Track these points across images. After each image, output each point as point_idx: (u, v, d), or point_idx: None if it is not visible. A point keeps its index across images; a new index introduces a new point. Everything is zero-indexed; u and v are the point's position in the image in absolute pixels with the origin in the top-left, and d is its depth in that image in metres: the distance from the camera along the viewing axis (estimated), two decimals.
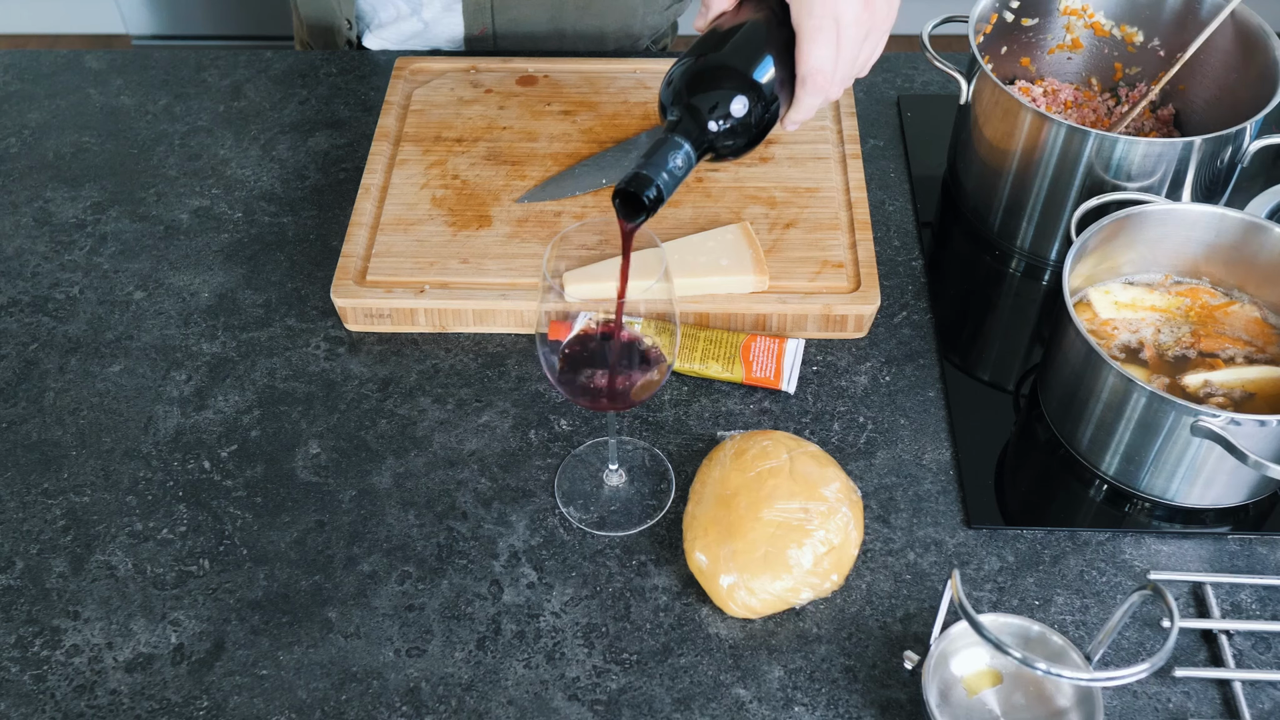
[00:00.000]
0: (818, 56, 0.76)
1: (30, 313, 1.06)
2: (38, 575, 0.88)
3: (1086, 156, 0.98)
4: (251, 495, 0.92)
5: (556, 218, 1.08)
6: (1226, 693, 0.81)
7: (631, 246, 0.76)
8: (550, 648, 0.83)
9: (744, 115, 0.73)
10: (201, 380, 1.00)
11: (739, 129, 0.74)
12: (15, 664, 0.83)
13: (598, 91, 1.20)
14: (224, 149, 1.21)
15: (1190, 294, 0.97)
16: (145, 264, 1.10)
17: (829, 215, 1.07)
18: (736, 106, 0.73)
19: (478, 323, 1.02)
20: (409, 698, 0.81)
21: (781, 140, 1.14)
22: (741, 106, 0.73)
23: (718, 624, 0.84)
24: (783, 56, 0.76)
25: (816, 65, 0.77)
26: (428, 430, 0.96)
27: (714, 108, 0.73)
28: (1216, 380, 0.91)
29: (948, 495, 0.91)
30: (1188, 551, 0.88)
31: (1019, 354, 1.04)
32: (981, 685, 0.79)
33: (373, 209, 1.09)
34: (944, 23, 1.10)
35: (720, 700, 0.81)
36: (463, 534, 0.90)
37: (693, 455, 0.94)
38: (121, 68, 1.31)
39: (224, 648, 0.84)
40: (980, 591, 0.86)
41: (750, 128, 0.74)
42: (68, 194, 1.17)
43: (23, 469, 0.95)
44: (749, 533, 0.82)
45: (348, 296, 1.01)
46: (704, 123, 0.73)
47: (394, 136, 1.15)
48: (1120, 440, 0.88)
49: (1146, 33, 1.13)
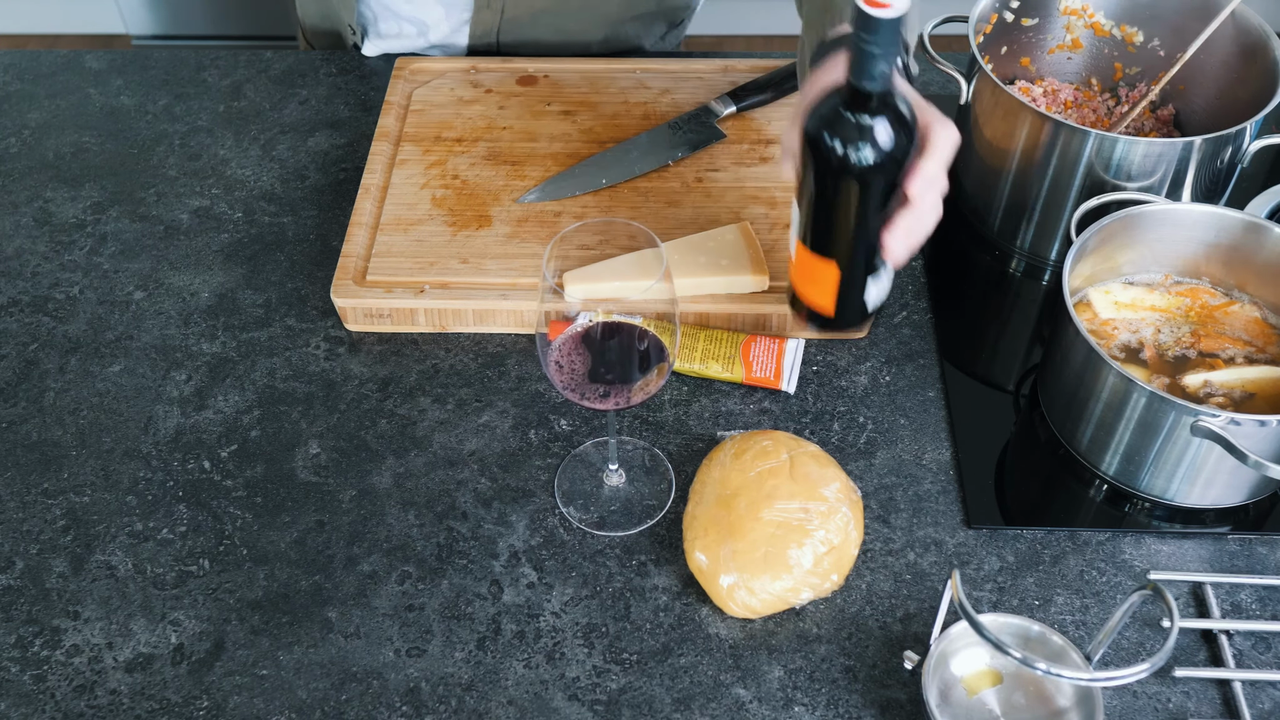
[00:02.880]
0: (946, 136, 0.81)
1: (30, 313, 1.06)
2: (38, 575, 0.88)
3: (1086, 156, 0.98)
4: (251, 495, 0.92)
5: (556, 218, 1.08)
6: (1226, 693, 0.81)
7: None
8: (550, 648, 0.84)
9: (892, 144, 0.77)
10: (201, 380, 1.00)
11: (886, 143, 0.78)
12: (15, 664, 0.83)
13: (598, 91, 1.20)
14: (224, 149, 1.21)
15: (1190, 294, 0.97)
16: (145, 264, 1.10)
17: None
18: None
19: (478, 323, 1.02)
20: (409, 698, 0.81)
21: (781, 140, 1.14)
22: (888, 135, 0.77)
23: (718, 624, 0.84)
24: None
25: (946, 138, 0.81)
26: (428, 430, 0.96)
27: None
28: (1216, 380, 0.91)
29: (948, 495, 0.91)
30: (1188, 551, 0.88)
31: (1019, 354, 1.04)
32: (981, 685, 0.79)
33: (373, 209, 1.09)
34: (944, 23, 1.10)
35: (720, 700, 0.81)
36: (463, 534, 0.90)
37: (693, 455, 0.94)
38: (121, 68, 1.31)
39: (224, 648, 0.84)
40: (980, 591, 0.86)
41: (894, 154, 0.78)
42: (68, 194, 1.17)
43: (23, 469, 0.95)
44: (749, 533, 0.82)
45: (348, 296, 1.01)
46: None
47: (394, 136, 1.15)
48: (1120, 440, 0.88)
49: (1146, 33, 1.13)
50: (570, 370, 0.80)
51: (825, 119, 0.77)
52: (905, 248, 0.80)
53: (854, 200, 0.79)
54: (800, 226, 0.84)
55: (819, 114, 0.78)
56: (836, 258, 0.83)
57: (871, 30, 0.71)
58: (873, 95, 0.75)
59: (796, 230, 0.85)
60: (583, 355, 0.81)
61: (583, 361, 0.81)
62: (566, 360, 0.80)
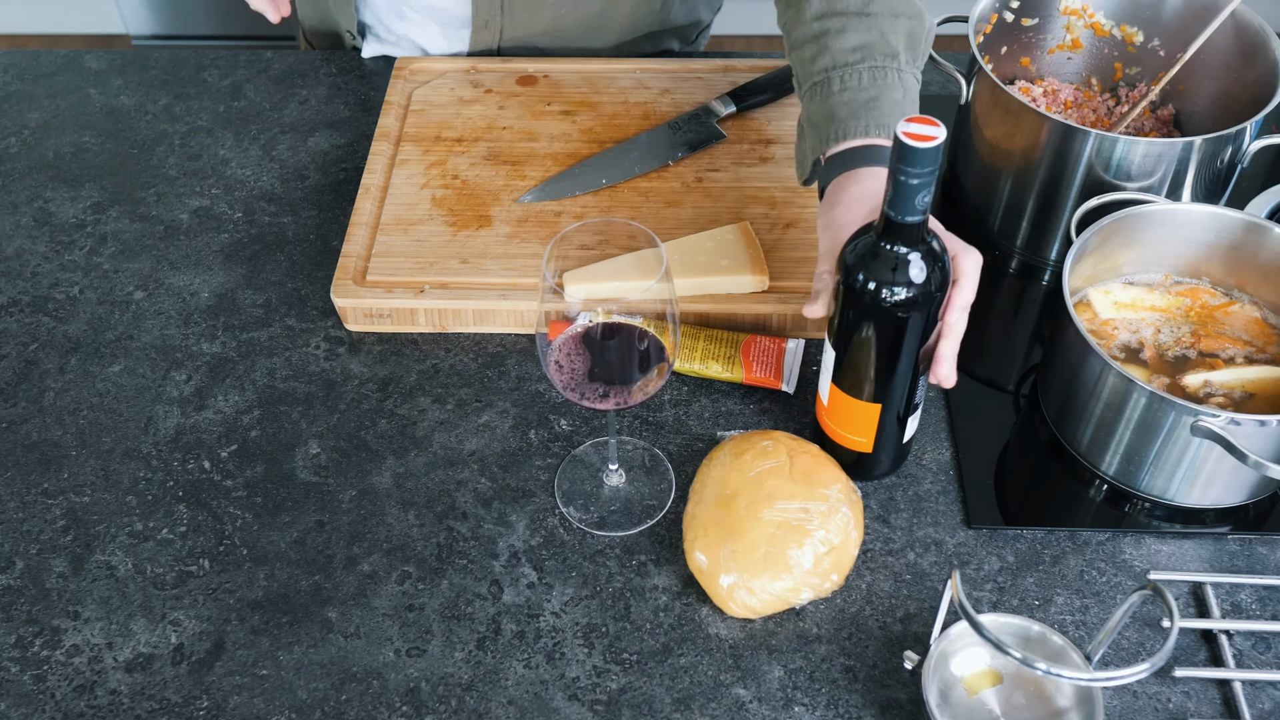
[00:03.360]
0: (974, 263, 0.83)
1: (30, 313, 1.06)
2: (38, 575, 0.88)
3: (1086, 156, 0.98)
4: (251, 495, 0.92)
5: (556, 218, 1.08)
6: (1226, 693, 0.81)
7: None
8: (550, 648, 0.83)
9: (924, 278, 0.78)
10: (201, 380, 1.00)
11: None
12: (15, 664, 0.83)
13: (598, 91, 1.20)
14: (224, 149, 1.21)
15: (1190, 294, 0.97)
16: (145, 264, 1.10)
17: None
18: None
19: (478, 323, 1.02)
20: (409, 698, 0.81)
21: (781, 140, 1.14)
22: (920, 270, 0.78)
23: (718, 624, 0.84)
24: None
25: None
26: (428, 430, 0.96)
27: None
28: (1216, 380, 0.91)
29: (948, 495, 0.91)
30: (1188, 551, 0.88)
31: (1019, 354, 1.04)
32: (981, 685, 0.79)
33: (373, 209, 1.09)
34: (944, 23, 1.10)
35: (720, 700, 0.81)
36: (463, 534, 0.90)
37: (693, 455, 0.94)
38: (121, 68, 1.31)
39: (224, 648, 0.84)
40: (980, 591, 0.86)
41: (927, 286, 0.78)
42: (68, 194, 1.17)
43: (23, 469, 0.95)
44: (749, 533, 0.82)
45: (348, 296, 1.01)
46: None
47: (394, 136, 1.15)
48: (1120, 440, 0.88)
49: (1146, 33, 1.13)
50: (570, 370, 0.80)
51: (867, 261, 0.77)
52: (952, 370, 0.83)
53: (901, 338, 0.80)
54: (835, 370, 0.84)
55: (859, 256, 0.78)
56: (879, 398, 0.84)
57: (914, 163, 0.71)
58: (915, 228, 0.75)
59: (828, 374, 0.86)
60: (582, 355, 0.81)
61: (583, 362, 0.81)
62: (566, 360, 0.80)
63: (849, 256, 0.78)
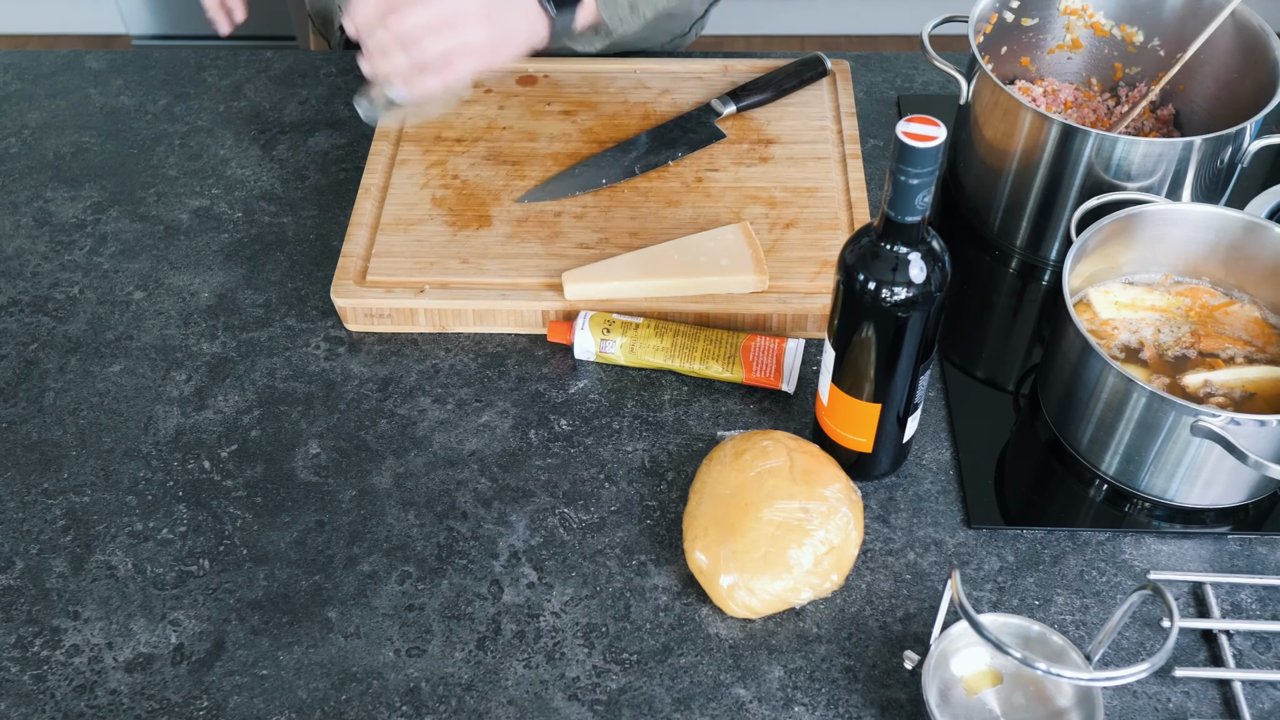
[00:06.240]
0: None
1: (30, 313, 1.06)
2: (38, 575, 0.88)
3: (1086, 156, 0.98)
4: (251, 495, 0.92)
5: (556, 218, 1.08)
6: (1226, 693, 0.81)
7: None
8: (550, 648, 0.84)
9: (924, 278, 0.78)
10: (201, 380, 1.00)
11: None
12: (15, 664, 0.83)
13: (598, 91, 1.20)
14: (224, 149, 1.21)
15: (1190, 294, 0.97)
16: (145, 264, 1.10)
17: (829, 215, 1.07)
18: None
19: (478, 323, 1.02)
20: (409, 698, 0.81)
21: (781, 140, 1.14)
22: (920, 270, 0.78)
23: (718, 624, 0.84)
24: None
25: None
26: (428, 430, 0.96)
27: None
28: (1216, 380, 0.91)
29: (948, 495, 0.91)
30: (1188, 551, 0.88)
31: (1019, 354, 1.04)
32: (981, 685, 0.79)
33: (373, 209, 1.09)
34: (944, 23, 1.10)
35: (720, 700, 0.81)
36: (463, 534, 0.90)
37: (693, 455, 0.94)
38: (121, 68, 1.31)
39: (224, 648, 0.84)
40: (980, 591, 0.86)
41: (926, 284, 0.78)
42: (68, 194, 1.17)
43: (23, 469, 0.95)
44: (749, 533, 0.82)
45: (348, 296, 1.01)
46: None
47: (394, 136, 1.15)
48: (1120, 440, 0.88)
49: (1146, 33, 1.13)
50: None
51: (867, 261, 0.77)
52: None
53: (901, 338, 0.80)
54: (835, 370, 0.85)
55: (859, 256, 0.78)
56: (879, 398, 0.84)
57: (914, 163, 0.71)
58: (914, 228, 0.75)
59: (828, 374, 0.86)
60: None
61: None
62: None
63: (849, 256, 0.79)
